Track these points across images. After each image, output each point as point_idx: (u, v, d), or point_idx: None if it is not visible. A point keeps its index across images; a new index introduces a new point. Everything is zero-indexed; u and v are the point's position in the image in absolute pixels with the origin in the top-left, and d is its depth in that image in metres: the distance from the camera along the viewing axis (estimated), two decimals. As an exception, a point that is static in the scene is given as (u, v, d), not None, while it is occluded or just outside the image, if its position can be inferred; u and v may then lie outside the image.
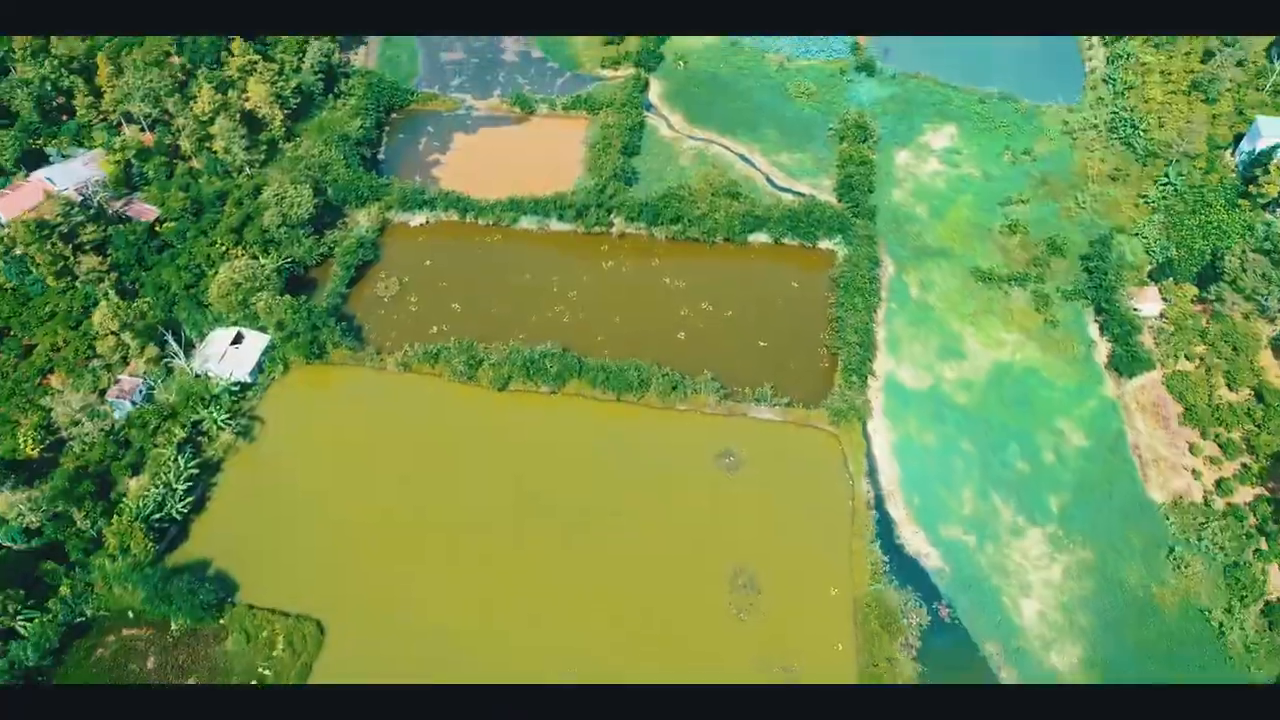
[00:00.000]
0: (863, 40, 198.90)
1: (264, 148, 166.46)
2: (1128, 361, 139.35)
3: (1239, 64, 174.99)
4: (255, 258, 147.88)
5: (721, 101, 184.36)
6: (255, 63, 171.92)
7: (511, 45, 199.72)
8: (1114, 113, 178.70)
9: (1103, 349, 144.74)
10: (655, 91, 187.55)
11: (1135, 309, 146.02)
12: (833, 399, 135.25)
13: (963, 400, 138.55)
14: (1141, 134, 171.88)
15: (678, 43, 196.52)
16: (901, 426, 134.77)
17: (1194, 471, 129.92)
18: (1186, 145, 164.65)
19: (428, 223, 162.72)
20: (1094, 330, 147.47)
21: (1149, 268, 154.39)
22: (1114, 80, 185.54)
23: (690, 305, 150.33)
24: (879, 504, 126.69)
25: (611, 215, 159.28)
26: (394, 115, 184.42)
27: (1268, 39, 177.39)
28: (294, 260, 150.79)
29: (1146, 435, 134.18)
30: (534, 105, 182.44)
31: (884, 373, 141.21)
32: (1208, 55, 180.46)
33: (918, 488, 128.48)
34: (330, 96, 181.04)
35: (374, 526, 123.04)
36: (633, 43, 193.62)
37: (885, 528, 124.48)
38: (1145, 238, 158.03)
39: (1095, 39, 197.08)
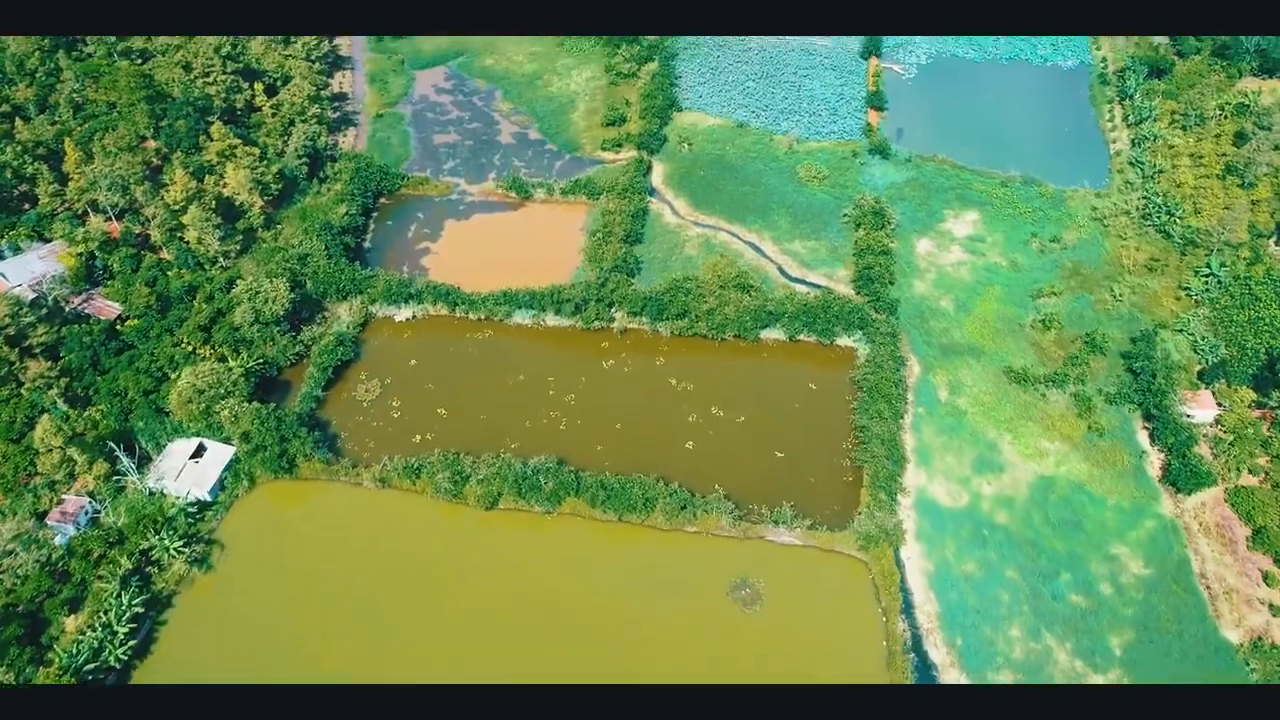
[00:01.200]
0: (874, 120, 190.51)
1: (240, 237, 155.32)
2: (1185, 476, 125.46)
3: (1276, 147, 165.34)
4: (223, 359, 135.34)
5: (729, 186, 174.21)
6: (235, 147, 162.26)
7: (507, 126, 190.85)
8: (1145, 198, 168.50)
9: (1155, 460, 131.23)
10: (658, 175, 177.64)
11: (1188, 415, 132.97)
12: (860, 521, 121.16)
13: (1004, 520, 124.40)
14: (1178, 220, 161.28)
15: (682, 124, 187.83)
16: (938, 552, 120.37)
17: (1271, 606, 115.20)
18: (1228, 233, 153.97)
19: (414, 317, 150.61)
20: (1143, 438, 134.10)
21: (1198, 368, 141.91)
22: (1141, 164, 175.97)
23: (699, 410, 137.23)
24: (917, 645, 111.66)
25: (613, 309, 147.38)
26: (383, 200, 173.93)
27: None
28: (266, 360, 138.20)
29: (1213, 562, 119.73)
30: (530, 190, 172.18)
31: (915, 488, 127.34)
32: (1239, 138, 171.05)
33: (960, 626, 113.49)
34: (315, 181, 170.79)
35: (344, 672, 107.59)
36: (634, 124, 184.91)
37: (925, 674, 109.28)
38: (1191, 334, 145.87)
39: (1119, 119, 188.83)
